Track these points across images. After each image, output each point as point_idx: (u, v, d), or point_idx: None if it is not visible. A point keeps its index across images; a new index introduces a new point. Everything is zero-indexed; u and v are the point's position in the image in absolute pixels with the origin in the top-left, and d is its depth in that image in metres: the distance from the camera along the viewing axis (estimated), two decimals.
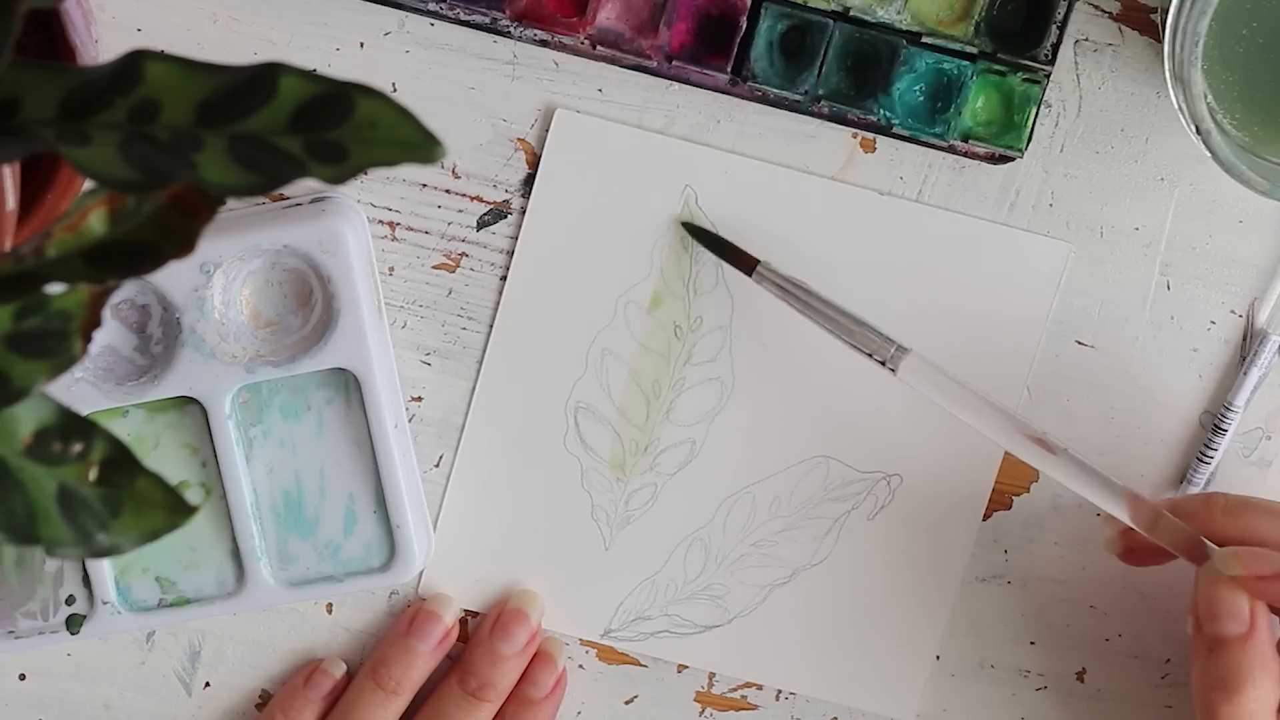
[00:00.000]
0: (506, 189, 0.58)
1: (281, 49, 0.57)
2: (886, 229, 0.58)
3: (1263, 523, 0.52)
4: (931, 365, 0.55)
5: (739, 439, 0.59)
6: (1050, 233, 0.58)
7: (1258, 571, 0.51)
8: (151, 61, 0.33)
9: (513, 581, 0.60)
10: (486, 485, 0.60)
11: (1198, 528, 0.53)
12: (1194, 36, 0.50)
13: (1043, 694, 0.61)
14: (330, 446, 0.58)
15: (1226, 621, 0.51)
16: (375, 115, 0.32)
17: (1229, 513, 0.53)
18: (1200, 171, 0.58)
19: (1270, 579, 0.50)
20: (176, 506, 0.37)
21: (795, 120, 0.58)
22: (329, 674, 0.60)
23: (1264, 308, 0.58)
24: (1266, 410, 0.59)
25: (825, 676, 0.61)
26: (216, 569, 0.59)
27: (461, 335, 0.59)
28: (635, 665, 0.61)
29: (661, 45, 0.56)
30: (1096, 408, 0.59)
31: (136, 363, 0.57)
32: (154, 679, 0.61)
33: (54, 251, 0.35)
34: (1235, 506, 0.53)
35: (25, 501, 0.36)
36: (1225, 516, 0.53)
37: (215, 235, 0.55)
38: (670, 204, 0.58)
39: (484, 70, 0.57)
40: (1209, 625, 0.51)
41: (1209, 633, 0.51)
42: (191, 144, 0.32)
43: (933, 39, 0.56)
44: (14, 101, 0.34)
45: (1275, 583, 0.50)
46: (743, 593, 0.60)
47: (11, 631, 0.59)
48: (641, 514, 0.60)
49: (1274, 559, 0.51)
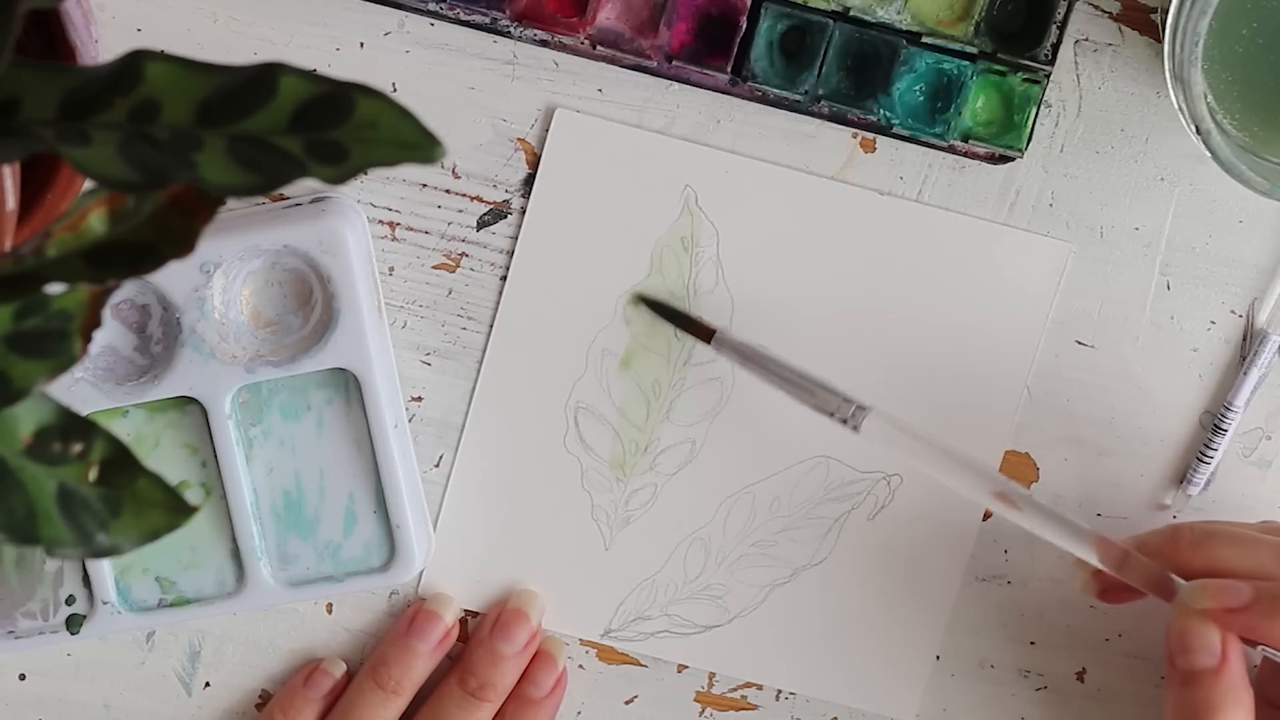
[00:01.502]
0: (506, 189, 0.58)
1: (281, 49, 0.57)
2: (886, 229, 0.58)
3: (1229, 553, 0.52)
4: (893, 421, 0.55)
5: (739, 439, 0.59)
6: (1050, 233, 0.58)
7: (1226, 604, 0.51)
8: (151, 61, 0.33)
9: (513, 581, 0.60)
10: (486, 485, 0.60)
11: (1166, 562, 0.53)
12: (1194, 36, 0.50)
13: (1043, 694, 0.61)
14: (330, 446, 0.58)
15: (1198, 655, 0.51)
16: (375, 115, 0.32)
17: (1195, 545, 0.53)
18: (1200, 171, 0.58)
19: (1239, 610, 0.50)
20: (176, 506, 0.37)
21: (795, 120, 0.58)
22: (329, 674, 0.60)
23: (1264, 308, 0.58)
24: (1266, 410, 0.59)
25: (825, 676, 0.61)
26: (216, 569, 0.59)
27: (461, 335, 0.59)
28: (635, 665, 0.61)
29: (661, 45, 0.56)
30: (1096, 408, 0.59)
31: (136, 363, 0.57)
32: (154, 679, 0.61)
33: (54, 251, 0.35)
34: (1201, 538, 0.53)
35: (25, 501, 0.36)
36: (1192, 550, 0.53)
37: (215, 235, 0.55)
38: (670, 204, 0.58)
39: (484, 70, 0.57)
40: (1180, 659, 0.51)
41: (1181, 666, 0.51)
42: (191, 144, 0.32)
43: (933, 39, 0.56)
44: (14, 101, 0.34)
45: (1244, 614, 0.50)
46: (743, 593, 0.60)
47: (11, 631, 0.59)
48: (641, 514, 0.60)
49: (1242, 590, 0.51)
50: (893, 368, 0.59)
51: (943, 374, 0.59)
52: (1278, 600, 0.50)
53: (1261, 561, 0.52)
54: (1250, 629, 0.50)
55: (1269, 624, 0.50)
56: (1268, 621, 0.50)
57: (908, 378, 0.59)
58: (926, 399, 0.59)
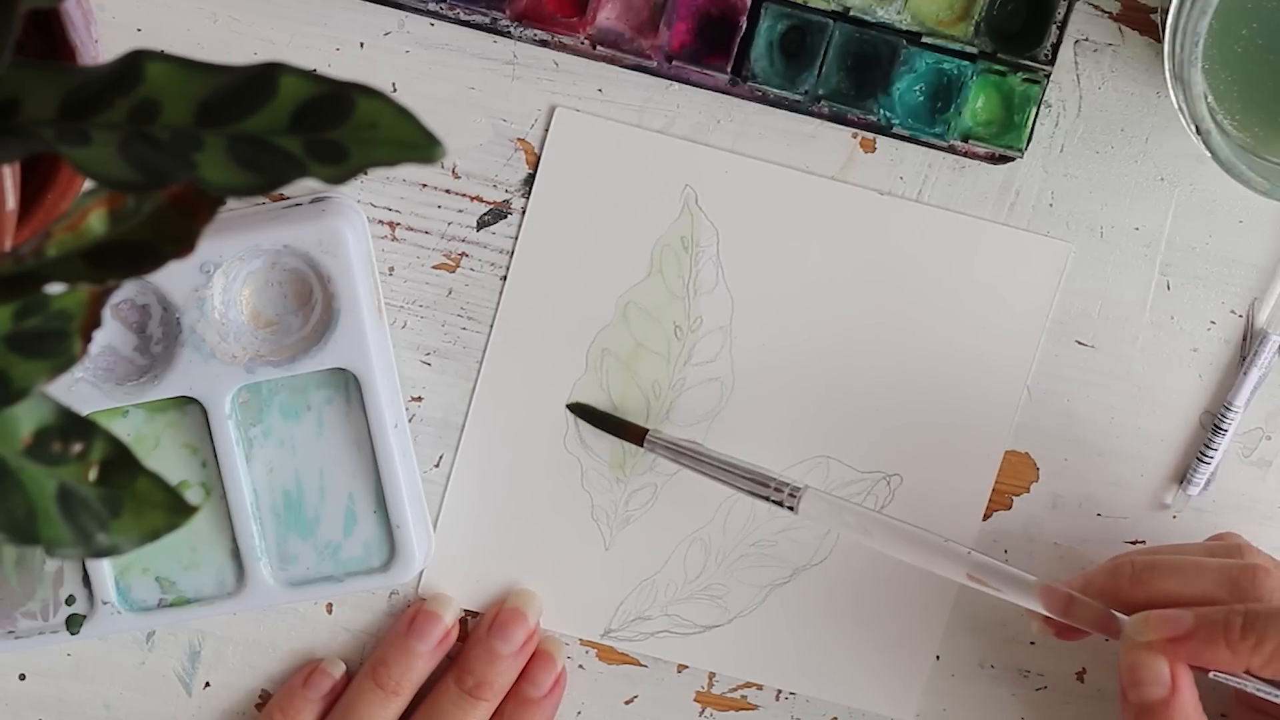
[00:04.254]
0: (506, 189, 0.58)
1: (281, 49, 0.57)
2: (886, 229, 0.58)
3: (1171, 583, 0.53)
4: (829, 497, 0.56)
5: (739, 439, 0.59)
6: (1050, 232, 0.58)
7: (1169, 634, 0.51)
8: (151, 61, 0.33)
9: (512, 581, 0.60)
10: (486, 485, 0.60)
11: (1112, 599, 0.53)
12: (1194, 36, 0.50)
13: (1043, 694, 0.61)
14: (330, 446, 0.58)
15: (1149, 687, 0.51)
16: (375, 115, 0.32)
17: (1136, 581, 0.53)
18: (1200, 171, 0.58)
19: (1183, 639, 0.51)
20: (176, 506, 0.37)
21: (795, 120, 0.58)
22: (328, 674, 0.60)
23: (1264, 308, 0.58)
24: (1266, 410, 0.59)
25: (825, 676, 0.61)
26: (216, 569, 0.59)
27: (461, 335, 0.59)
28: (635, 665, 0.61)
29: (661, 45, 0.56)
30: (1096, 408, 0.59)
31: (136, 363, 0.57)
32: (154, 679, 0.61)
33: (54, 251, 0.35)
34: (1141, 571, 0.53)
35: (25, 501, 0.36)
36: (1134, 585, 0.53)
37: (215, 235, 0.55)
38: (670, 204, 0.58)
39: (484, 70, 0.57)
40: (1132, 692, 0.52)
41: (1134, 700, 0.52)
42: (191, 144, 0.32)
43: (933, 39, 0.56)
44: (14, 101, 0.34)
45: (1189, 642, 0.51)
46: (743, 593, 0.60)
47: (11, 631, 0.59)
48: (641, 514, 0.60)
49: (1183, 619, 0.51)
50: (892, 368, 0.59)
51: (943, 374, 0.59)
52: (1217, 625, 0.50)
53: (1204, 588, 0.52)
54: (1195, 655, 0.51)
55: (1212, 650, 0.51)
56: (1211, 648, 0.50)
57: (908, 378, 0.59)
58: (926, 399, 0.59)
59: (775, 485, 0.56)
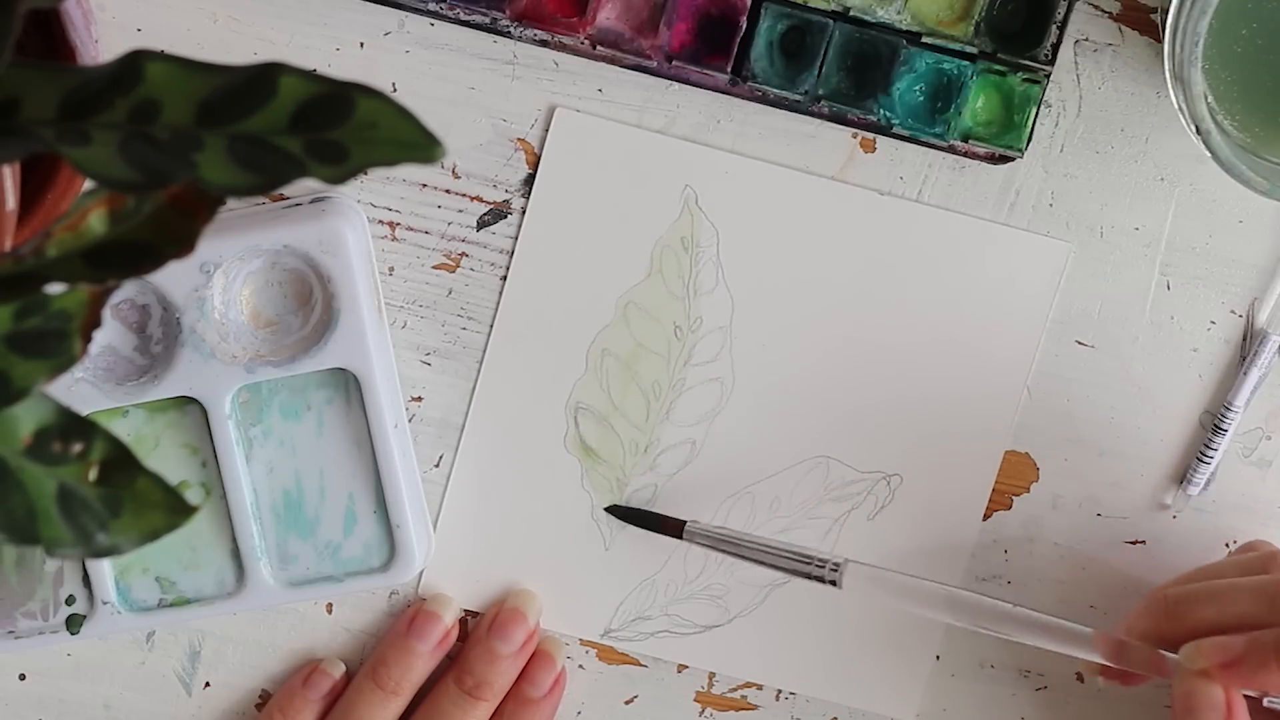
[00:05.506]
0: (506, 189, 0.58)
1: (281, 49, 0.57)
2: (886, 229, 0.58)
3: (1208, 611, 0.53)
4: (872, 568, 0.56)
5: (739, 439, 0.59)
6: (1050, 233, 0.58)
7: (1219, 660, 0.51)
8: (151, 61, 0.33)
9: (512, 581, 0.60)
10: (486, 485, 0.60)
11: (1154, 638, 0.54)
12: (1194, 36, 0.50)
13: (1043, 694, 0.61)
14: (330, 446, 0.58)
15: (1204, 713, 0.52)
16: (375, 115, 0.32)
17: (1173, 615, 0.54)
18: (1200, 171, 0.58)
19: (1235, 664, 0.51)
20: (176, 506, 0.37)
21: (795, 120, 0.58)
22: (328, 674, 0.60)
23: (1264, 308, 0.58)
24: (1266, 410, 0.59)
25: (825, 676, 0.61)
26: (216, 569, 0.59)
27: (461, 335, 0.59)
28: (635, 665, 0.61)
29: (661, 45, 0.56)
30: (1096, 408, 0.59)
31: (136, 363, 0.57)
32: (154, 679, 0.61)
33: (54, 251, 0.35)
34: (1176, 604, 0.54)
35: (25, 501, 0.36)
36: (1172, 621, 0.54)
37: (215, 235, 0.55)
38: (670, 204, 0.58)
39: (484, 70, 0.57)
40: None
41: None
42: (191, 144, 0.32)
43: (933, 39, 0.56)
44: (14, 101, 0.34)
45: (1241, 667, 0.51)
46: (743, 593, 0.60)
47: (11, 631, 0.59)
48: None
49: (1234, 644, 0.51)
50: (893, 368, 0.59)
51: (943, 374, 0.59)
52: (1269, 647, 0.51)
53: (1242, 610, 0.52)
54: (1249, 679, 0.51)
55: (1265, 672, 0.51)
56: (1264, 670, 0.51)
57: (908, 378, 0.59)
58: (926, 399, 0.59)
59: (816, 562, 0.56)
